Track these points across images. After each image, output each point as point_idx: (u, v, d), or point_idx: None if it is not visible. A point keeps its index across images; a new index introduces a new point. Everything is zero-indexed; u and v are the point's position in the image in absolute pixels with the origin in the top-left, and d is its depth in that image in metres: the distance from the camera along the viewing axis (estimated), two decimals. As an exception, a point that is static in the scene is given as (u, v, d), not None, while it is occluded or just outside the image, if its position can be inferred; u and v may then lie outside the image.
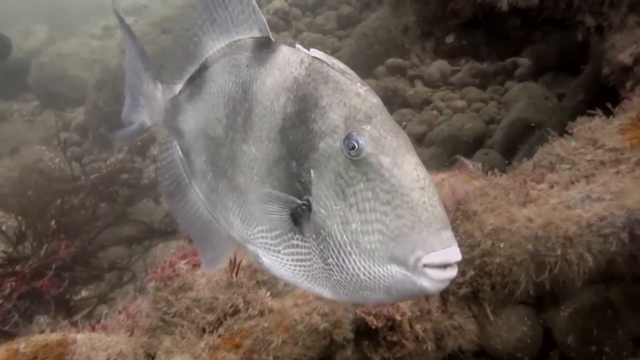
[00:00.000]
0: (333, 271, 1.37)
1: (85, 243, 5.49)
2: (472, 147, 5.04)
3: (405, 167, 1.35)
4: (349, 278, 1.37)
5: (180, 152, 1.73)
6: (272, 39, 1.49)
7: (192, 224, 1.74)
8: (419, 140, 5.49)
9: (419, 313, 2.45)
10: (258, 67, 1.49)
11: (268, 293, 2.33)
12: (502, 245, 2.44)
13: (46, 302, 4.80)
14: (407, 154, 1.36)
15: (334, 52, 7.04)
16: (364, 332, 2.40)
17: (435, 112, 5.73)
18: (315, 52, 1.43)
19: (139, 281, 5.14)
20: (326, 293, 1.42)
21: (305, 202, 1.38)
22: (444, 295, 2.50)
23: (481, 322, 2.60)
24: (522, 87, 5.42)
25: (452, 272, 1.34)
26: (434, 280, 1.32)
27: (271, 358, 2.18)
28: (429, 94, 6.02)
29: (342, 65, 1.46)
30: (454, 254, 1.32)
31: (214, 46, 1.61)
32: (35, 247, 5.28)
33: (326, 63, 1.41)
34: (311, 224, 1.38)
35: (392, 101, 6.02)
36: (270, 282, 2.39)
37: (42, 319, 4.68)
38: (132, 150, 6.95)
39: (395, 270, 1.34)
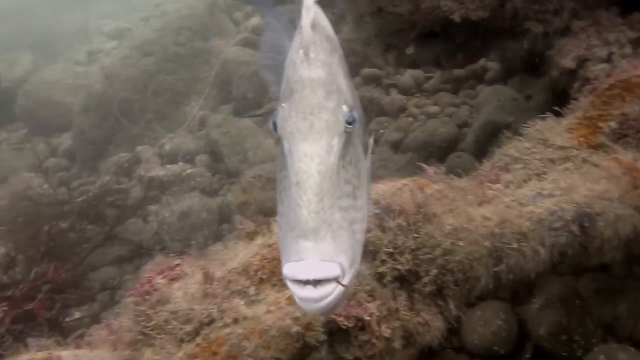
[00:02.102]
0: None
1: (76, 265, 5.60)
2: (445, 151, 5.20)
3: (294, 156, 1.25)
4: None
5: None
6: None
7: None
8: (395, 147, 5.64)
9: (386, 312, 2.58)
10: None
11: (242, 302, 2.46)
12: (461, 243, 2.58)
13: (40, 325, 4.91)
14: (303, 141, 1.25)
15: (311, 65, 7.18)
16: (336, 333, 2.52)
17: (410, 118, 5.89)
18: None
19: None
20: None
21: None
22: (411, 293, 2.64)
23: (447, 317, 2.73)
24: (491, 90, 5.59)
25: (312, 293, 1.19)
26: (296, 296, 1.21)
27: (247, 362, 2.31)
28: (404, 101, 6.18)
29: (324, 27, 1.41)
30: (305, 269, 1.18)
31: None
32: (25, 271, 5.39)
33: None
34: None
35: (370, 109, 6.18)
36: (243, 292, 2.52)
37: (35, 342, 4.79)
38: (118, 172, 7.09)
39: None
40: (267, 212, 3.10)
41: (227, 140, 6.57)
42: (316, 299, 1.19)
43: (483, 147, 4.93)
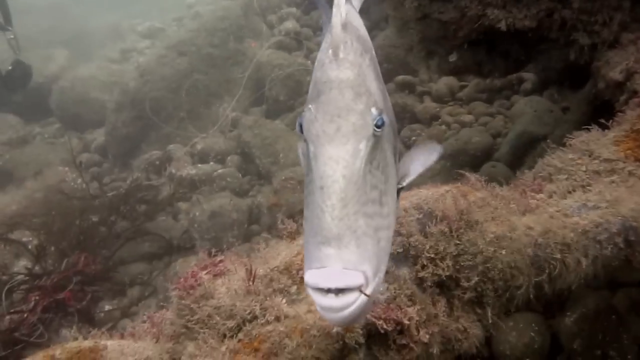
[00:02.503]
0: None
1: (107, 259, 5.69)
2: (479, 161, 5.18)
3: (319, 159, 1.21)
4: None
5: None
6: None
7: None
8: (428, 155, 5.63)
9: (425, 317, 2.59)
10: None
11: (284, 300, 2.49)
12: (503, 252, 2.59)
13: (70, 315, 5.00)
14: (329, 144, 1.20)
15: (344, 70, 7.21)
16: (374, 335, 2.54)
17: (443, 126, 5.89)
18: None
19: (161, 295, 5.32)
20: None
21: None
22: (450, 299, 2.64)
23: (485, 325, 2.73)
24: (527, 101, 5.58)
25: (334, 302, 1.14)
26: (317, 305, 1.17)
27: (287, 360, 2.33)
28: (437, 109, 6.18)
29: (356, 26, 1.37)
30: (327, 277, 1.13)
31: None
32: (57, 262, 5.49)
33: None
34: None
35: (402, 117, 6.18)
36: (285, 290, 2.54)
37: (66, 332, 4.87)
38: (149, 170, 7.17)
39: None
40: (296, 215, 3.12)
41: (259, 142, 6.62)
42: (338, 308, 1.14)
43: (518, 157, 4.92)
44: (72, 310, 5.04)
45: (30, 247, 5.61)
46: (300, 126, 1.26)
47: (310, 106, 1.25)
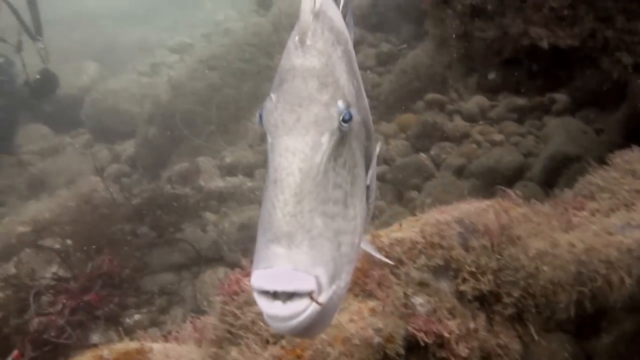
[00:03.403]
0: None
1: (135, 268, 5.76)
2: (510, 180, 5.17)
3: (275, 150, 1.11)
4: None
5: None
6: None
7: None
8: (458, 173, 5.65)
9: (465, 331, 2.59)
10: None
11: (326, 309, 2.51)
12: (545, 268, 2.59)
13: (98, 319, 5.06)
14: (286, 134, 1.11)
15: (373, 87, 7.29)
16: (414, 347, 2.54)
17: (474, 145, 5.89)
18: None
19: (188, 305, 5.36)
20: None
21: None
22: (490, 314, 2.64)
23: (526, 342, 2.72)
24: (560, 122, 5.57)
25: (281, 309, 1.02)
26: (263, 312, 1.05)
27: (329, 369, 2.34)
28: (468, 128, 6.19)
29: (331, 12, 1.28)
30: (273, 279, 1.02)
31: None
32: (83, 267, 5.57)
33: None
34: None
35: (432, 134, 6.20)
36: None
37: (95, 337, 4.94)
38: (178, 181, 7.25)
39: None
40: None
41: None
42: (285, 317, 1.03)
43: (551, 177, 4.90)
44: (99, 314, 5.10)
45: (61, 253, 5.69)
46: (260, 117, 1.17)
47: (271, 95, 1.16)
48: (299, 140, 1.09)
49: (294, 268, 1.01)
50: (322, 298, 1.04)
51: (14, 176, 8.13)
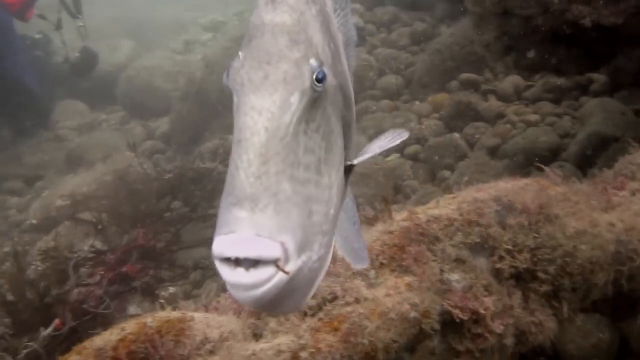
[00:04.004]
0: None
1: (170, 241, 5.88)
2: (546, 160, 5.12)
3: (241, 109, 1.06)
4: None
5: None
6: None
7: None
8: (492, 153, 5.61)
9: (501, 308, 2.60)
10: None
11: (363, 283, 2.55)
12: (583, 247, 2.58)
13: (134, 290, 5.20)
14: (253, 92, 1.05)
15: (407, 66, 7.24)
16: (449, 323, 2.57)
17: (508, 125, 5.84)
18: None
19: (221, 280, 5.45)
20: None
21: None
22: (526, 292, 2.65)
23: (561, 321, 2.72)
24: (598, 102, 5.48)
25: (243, 277, 0.95)
26: (225, 281, 1.00)
27: (366, 341, 2.38)
28: (502, 108, 6.13)
29: None
30: (234, 244, 0.95)
31: None
32: (119, 241, 5.71)
33: None
34: None
35: (465, 114, 6.15)
36: (364, 274, 2.60)
37: (131, 308, 5.08)
38: (211, 158, 7.31)
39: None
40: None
41: (321, 134, 6.68)
42: (248, 285, 0.96)
43: (588, 158, 4.84)
44: (135, 286, 5.23)
45: (97, 226, 5.83)
46: (228, 77, 1.11)
47: (239, 53, 1.10)
48: (266, 99, 1.03)
49: (257, 233, 0.95)
50: (290, 267, 0.97)
51: (52, 151, 8.31)
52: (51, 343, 4.19)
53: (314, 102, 1.09)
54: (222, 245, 0.95)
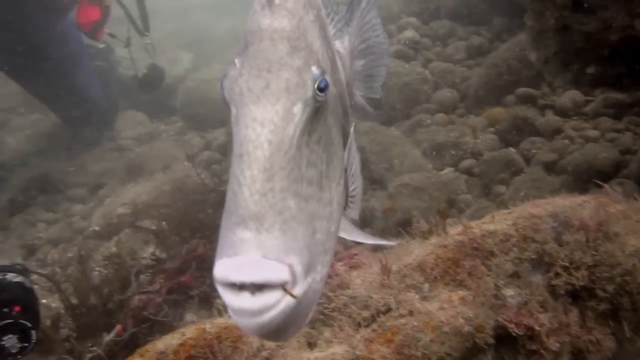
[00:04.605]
0: None
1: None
2: (605, 177, 5.00)
3: (241, 122, 0.99)
4: None
5: None
6: None
7: None
8: (549, 169, 5.52)
9: (557, 325, 2.58)
10: None
11: (417, 296, 2.57)
12: (644, 266, 2.54)
13: (191, 298, 5.32)
14: (253, 103, 0.98)
15: (463, 80, 7.21)
16: (503, 338, 2.57)
17: (566, 141, 5.73)
18: None
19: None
20: None
21: None
22: (583, 310, 2.62)
23: (620, 340, 2.68)
24: (661, 118, 5.35)
25: (249, 302, 0.88)
26: (228, 307, 0.93)
27: (419, 354, 2.40)
28: (560, 123, 6.02)
29: None
30: (240, 268, 0.88)
31: None
32: (179, 250, 5.86)
33: None
34: None
35: (522, 129, 6.08)
36: (417, 287, 2.62)
37: (188, 316, 5.21)
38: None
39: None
40: (411, 221, 3.19)
41: (375, 147, 6.72)
42: (254, 311, 0.89)
43: (650, 176, 4.73)
44: (193, 294, 5.36)
45: (157, 234, 6.01)
46: (223, 87, 1.07)
47: (235, 61, 1.06)
48: (268, 109, 0.98)
49: (264, 255, 0.89)
50: (297, 290, 0.91)
51: (114, 160, 8.62)
52: (113, 349, 4.34)
53: (316, 112, 1.05)
54: (227, 269, 0.89)
